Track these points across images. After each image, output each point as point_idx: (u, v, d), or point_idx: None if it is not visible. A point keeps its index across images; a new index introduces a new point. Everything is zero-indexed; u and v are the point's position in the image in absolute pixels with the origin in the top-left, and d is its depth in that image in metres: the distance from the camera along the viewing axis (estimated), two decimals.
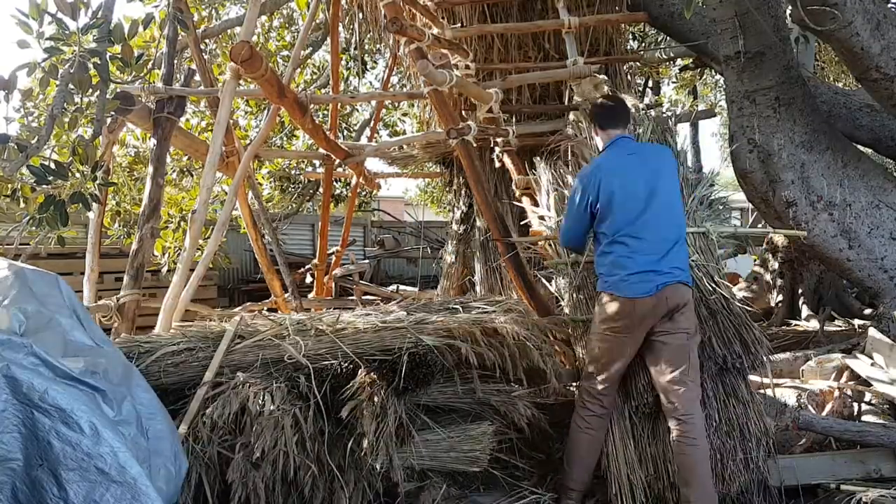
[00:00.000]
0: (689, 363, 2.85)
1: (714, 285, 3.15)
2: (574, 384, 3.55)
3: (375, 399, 2.82)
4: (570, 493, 3.02)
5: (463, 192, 6.48)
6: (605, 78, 4.51)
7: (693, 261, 3.16)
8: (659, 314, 2.86)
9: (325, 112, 8.06)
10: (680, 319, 2.86)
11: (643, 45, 9.53)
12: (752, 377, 3.22)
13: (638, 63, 6.72)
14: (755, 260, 7.61)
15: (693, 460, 2.78)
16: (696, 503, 2.76)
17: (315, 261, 6.71)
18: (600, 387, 2.98)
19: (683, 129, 12.67)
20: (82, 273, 4.50)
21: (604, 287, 2.97)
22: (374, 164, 14.77)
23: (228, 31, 7.78)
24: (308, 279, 7.28)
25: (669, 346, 2.87)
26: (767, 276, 6.98)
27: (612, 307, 2.91)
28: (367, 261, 11.14)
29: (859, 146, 4.76)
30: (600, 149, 3.19)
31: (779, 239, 6.47)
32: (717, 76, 9.70)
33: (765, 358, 3.09)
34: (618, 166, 3.00)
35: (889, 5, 4.21)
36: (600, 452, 3.06)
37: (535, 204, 4.19)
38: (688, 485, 2.79)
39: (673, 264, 2.87)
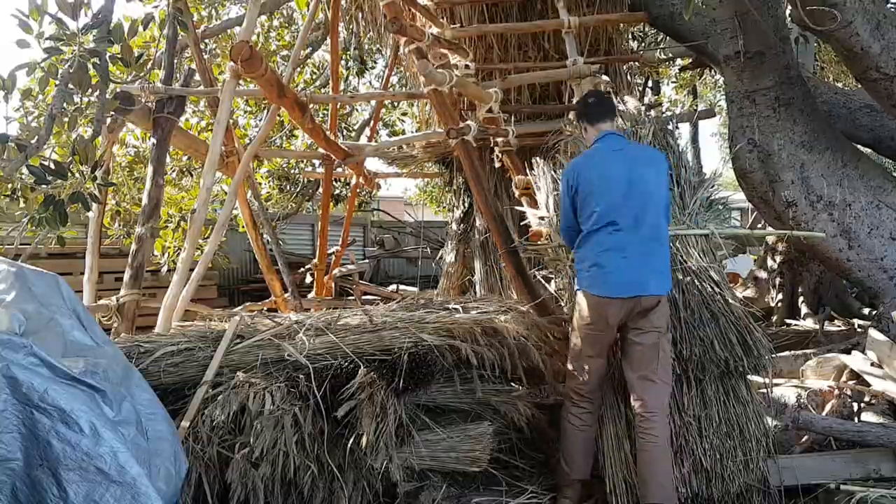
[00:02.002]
0: (659, 361, 2.85)
1: (716, 287, 3.14)
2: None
3: (375, 399, 2.81)
4: (567, 492, 3.02)
5: (463, 192, 6.48)
6: (607, 79, 4.51)
7: (695, 263, 3.15)
8: (632, 312, 2.87)
9: (325, 112, 8.06)
10: (653, 318, 2.86)
11: (643, 45, 9.51)
12: (753, 377, 3.22)
13: (638, 63, 6.70)
14: (754, 260, 7.61)
15: (651, 457, 2.78)
16: (651, 500, 2.75)
17: (315, 261, 6.71)
18: (585, 385, 2.99)
19: (683, 129, 12.67)
20: (82, 273, 4.49)
21: (580, 285, 2.98)
22: (373, 164, 14.77)
23: (228, 31, 7.78)
24: (308, 279, 7.27)
25: (641, 343, 2.87)
26: (766, 276, 6.97)
27: (586, 304, 2.92)
28: (366, 261, 11.14)
29: (859, 146, 4.76)
30: (588, 145, 3.16)
31: (773, 238, 6.46)
32: (717, 76, 9.69)
33: (766, 360, 3.09)
34: (601, 159, 3.00)
35: (889, 5, 4.22)
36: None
37: (535, 204, 4.18)
38: (645, 483, 2.78)
39: (652, 271, 2.85)
